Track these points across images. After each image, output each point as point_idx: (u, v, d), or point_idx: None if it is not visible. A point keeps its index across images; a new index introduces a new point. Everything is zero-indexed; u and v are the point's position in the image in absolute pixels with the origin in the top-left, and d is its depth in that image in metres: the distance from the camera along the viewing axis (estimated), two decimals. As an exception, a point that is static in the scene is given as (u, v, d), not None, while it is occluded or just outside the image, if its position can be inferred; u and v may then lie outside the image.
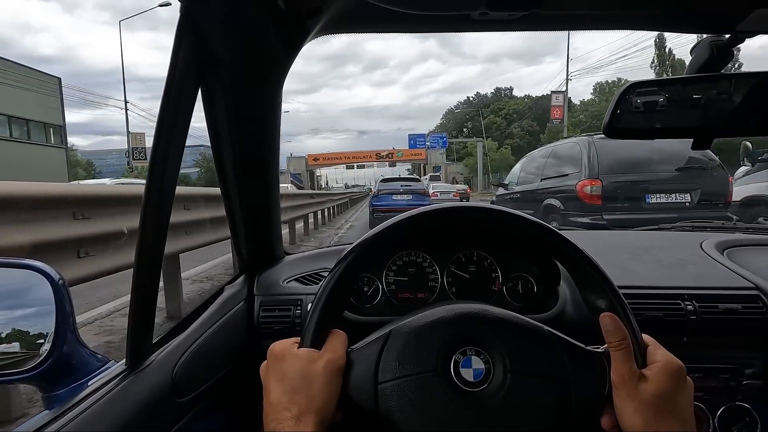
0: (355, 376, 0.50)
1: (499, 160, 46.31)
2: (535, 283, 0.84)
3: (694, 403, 0.77)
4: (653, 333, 0.53)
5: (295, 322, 0.80)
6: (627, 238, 1.20)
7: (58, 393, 0.55)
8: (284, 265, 0.93)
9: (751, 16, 0.57)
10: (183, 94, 0.56)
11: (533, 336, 0.52)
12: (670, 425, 0.45)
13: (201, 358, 0.66)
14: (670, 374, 0.47)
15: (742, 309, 0.77)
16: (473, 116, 63.29)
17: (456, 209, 0.58)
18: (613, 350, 0.49)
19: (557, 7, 0.60)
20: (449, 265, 0.85)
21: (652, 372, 0.47)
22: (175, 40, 0.53)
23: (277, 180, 0.86)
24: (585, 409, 0.49)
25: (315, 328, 0.51)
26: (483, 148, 44.27)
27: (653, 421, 0.45)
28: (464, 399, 0.48)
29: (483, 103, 67.17)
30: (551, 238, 0.56)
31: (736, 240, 1.03)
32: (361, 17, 0.65)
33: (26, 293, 0.57)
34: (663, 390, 0.46)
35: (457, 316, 0.52)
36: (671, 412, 0.45)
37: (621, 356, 0.48)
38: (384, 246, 0.56)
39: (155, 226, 0.56)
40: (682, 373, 0.48)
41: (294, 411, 0.46)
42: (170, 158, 0.55)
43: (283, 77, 0.72)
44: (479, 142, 45.87)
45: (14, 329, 0.56)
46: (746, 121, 0.63)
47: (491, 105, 62.47)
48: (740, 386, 0.77)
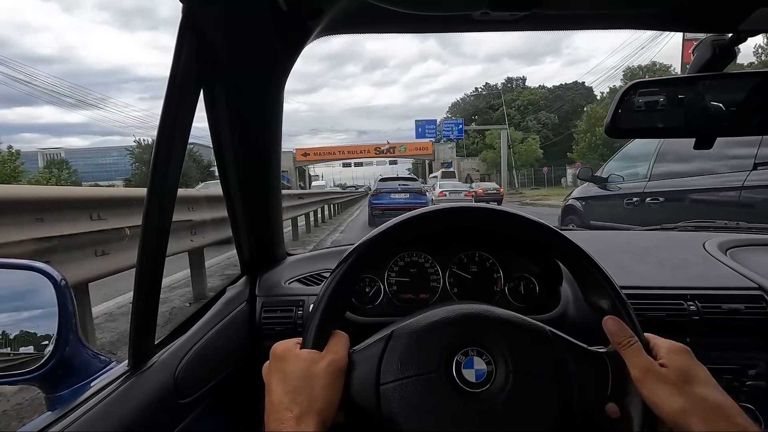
0: (357, 377, 0.50)
1: (526, 154, 39.96)
2: (537, 283, 0.84)
3: None
4: (656, 333, 0.53)
5: (297, 323, 0.81)
6: (629, 238, 1.20)
7: (61, 394, 0.56)
8: (286, 266, 0.93)
9: (754, 15, 0.57)
10: (185, 95, 0.56)
11: (535, 336, 0.51)
12: (706, 393, 0.46)
13: (203, 359, 0.67)
14: (680, 352, 0.49)
15: (746, 309, 0.77)
16: (482, 109, 58.24)
17: (457, 209, 0.58)
18: (625, 348, 0.49)
19: (558, 7, 0.60)
20: (451, 266, 0.85)
21: (667, 356, 0.48)
22: (177, 41, 0.53)
23: (279, 181, 0.86)
24: (587, 409, 0.49)
25: (317, 330, 0.51)
26: (507, 139, 36.58)
27: (692, 394, 0.45)
28: (466, 400, 0.48)
29: (493, 94, 60.86)
30: (552, 238, 0.56)
31: (739, 240, 1.02)
32: (363, 18, 0.65)
33: (29, 295, 0.57)
34: (684, 366, 0.47)
35: (458, 316, 0.52)
36: (701, 382, 0.47)
37: (634, 351, 0.49)
38: (386, 247, 0.56)
39: (157, 227, 0.57)
40: (689, 351, 0.50)
41: (296, 411, 0.46)
42: (173, 159, 0.55)
43: (285, 78, 0.72)
44: (503, 130, 37.43)
45: (17, 331, 0.56)
46: (748, 121, 0.63)
47: (502, 97, 54.59)
48: (744, 387, 0.77)
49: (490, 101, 59.03)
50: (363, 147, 49.06)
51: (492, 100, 58.74)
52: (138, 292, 0.57)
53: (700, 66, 0.63)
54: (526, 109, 52.63)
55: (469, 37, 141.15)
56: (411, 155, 47.25)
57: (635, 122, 0.65)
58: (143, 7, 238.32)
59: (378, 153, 47.53)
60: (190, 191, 3.89)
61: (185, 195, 3.57)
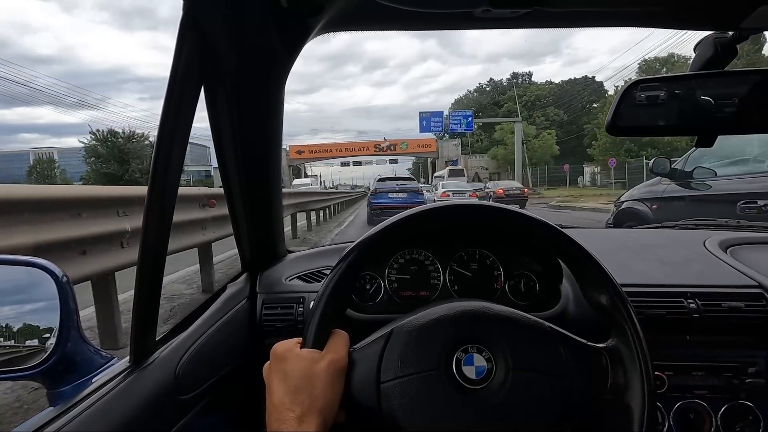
0: (357, 375, 0.50)
1: (540, 150, 36.13)
2: (537, 281, 0.84)
3: (697, 401, 0.78)
4: (656, 331, 0.53)
5: (298, 320, 0.81)
6: (630, 236, 1.20)
7: (62, 390, 0.56)
8: (286, 263, 0.93)
9: (756, 13, 0.57)
10: (185, 93, 0.56)
11: (534, 332, 0.52)
12: None
13: (204, 355, 0.67)
14: None
15: (746, 307, 0.77)
16: (486, 106, 53.09)
17: (457, 207, 0.58)
18: None
19: (560, 5, 0.59)
20: (451, 263, 0.85)
21: None
22: (178, 39, 0.53)
23: (279, 178, 0.86)
24: (587, 404, 0.49)
25: (317, 329, 0.51)
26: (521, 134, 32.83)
27: None
28: (467, 397, 0.48)
29: (498, 89, 56.89)
30: (551, 235, 0.56)
31: (740, 238, 1.02)
32: (363, 15, 0.65)
33: (31, 291, 0.57)
34: None
35: (457, 314, 0.52)
36: None
37: None
38: (386, 244, 0.56)
39: (158, 225, 0.57)
40: None
41: (297, 411, 0.46)
42: (173, 157, 0.55)
43: (285, 75, 0.72)
44: (516, 123, 33.80)
45: (19, 327, 0.56)
46: (750, 119, 0.62)
47: (507, 92, 51.96)
48: (743, 385, 0.77)
49: (494, 97, 55.08)
50: (361, 144, 46.32)
51: (497, 95, 54.88)
52: (139, 290, 0.57)
53: (702, 64, 0.63)
54: (534, 105, 48.79)
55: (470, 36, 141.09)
56: (413, 153, 44.27)
57: (637, 120, 0.65)
58: (143, 7, 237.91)
59: (377, 150, 44.34)
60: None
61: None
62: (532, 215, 0.57)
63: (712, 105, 0.62)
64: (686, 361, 0.79)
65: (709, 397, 0.77)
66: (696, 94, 0.63)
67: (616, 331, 0.53)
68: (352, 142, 46.65)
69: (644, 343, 0.50)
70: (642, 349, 0.50)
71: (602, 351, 0.51)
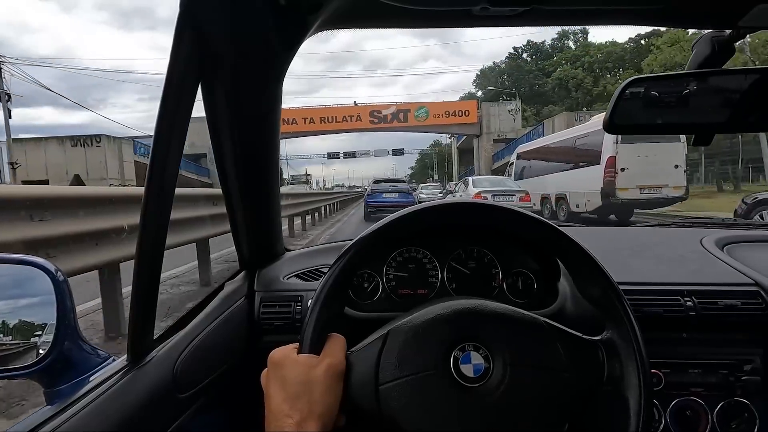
0: (355, 378, 0.50)
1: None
2: (535, 279, 0.84)
3: (692, 399, 0.78)
4: (653, 329, 0.53)
5: (296, 318, 0.81)
6: (626, 234, 1.20)
7: (60, 389, 0.56)
8: (284, 262, 0.93)
9: (753, 11, 0.57)
10: (183, 91, 0.55)
11: (531, 328, 0.52)
12: None
13: (202, 354, 0.67)
14: None
15: (742, 305, 0.78)
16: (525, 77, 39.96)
17: (454, 206, 0.58)
18: None
19: (558, 3, 0.59)
20: (449, 262, 0.86)
21: None
22: (175, 36, 0.53)
23: (277, 177, 0.86)
24: (584, 397, 0.49)
25: (312, 333, 0.51)
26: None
27: None
28: (465, 395, 0.48)
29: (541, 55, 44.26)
30: (547, 232, 0.56)
31: (736, 236, 1.03)
32: (361, 13, 0.64)
33: (27, 289, 0.57)
34: None
35: (454, 312, 0.52)
36: None
37: None
38: (383, 242, 0.56)
39: (156, 224, 0.56)
40: None
41: (296, 418, 0.46)
42: (170, 155, 0.55)
43: (283, 73, 0.72)
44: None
45: (16, 325, 0.56)
46: (747, 118, 0.63)
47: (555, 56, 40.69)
48: (739, 382, 0.77)
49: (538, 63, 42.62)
50: (349, 111, 29.87)
51: (540, 61, 42.28)
52: (137, 287, 0.56)
53: (699, 62, 0.63)
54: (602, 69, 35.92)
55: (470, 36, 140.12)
56: (437, 125, 27.60)
57: (634, 118, 0.65)
58: (142, 7, 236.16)
59: (375, 122, 29.32)
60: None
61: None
62: (527, 213, 0.57)
63: (709, 103, 0.62)
64: (683, 359, 0.79)
65: (705, 394, 0.78)
66: (693, 92, 0.63)
67: (611, 323, 0.53)
68: (333, 107, 29.78)
69: (639, 333, 0.50)
70: (637, 339, 0.50)
71: (598, 343, 0.51)
